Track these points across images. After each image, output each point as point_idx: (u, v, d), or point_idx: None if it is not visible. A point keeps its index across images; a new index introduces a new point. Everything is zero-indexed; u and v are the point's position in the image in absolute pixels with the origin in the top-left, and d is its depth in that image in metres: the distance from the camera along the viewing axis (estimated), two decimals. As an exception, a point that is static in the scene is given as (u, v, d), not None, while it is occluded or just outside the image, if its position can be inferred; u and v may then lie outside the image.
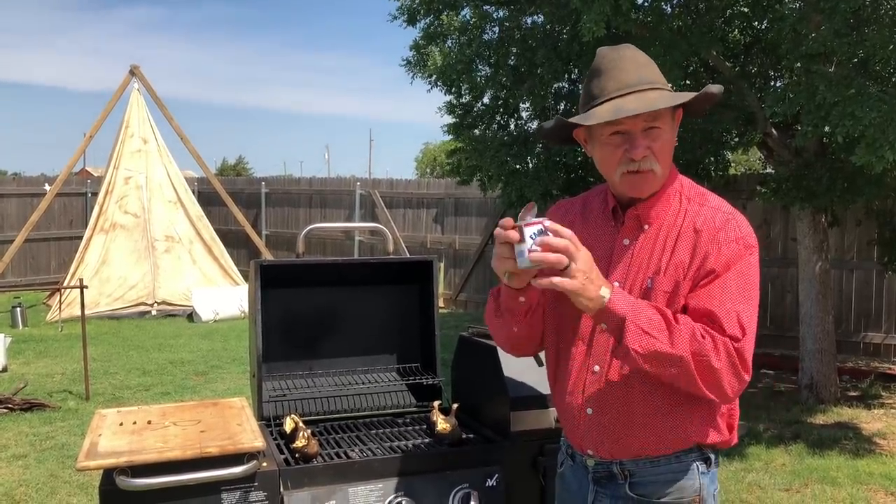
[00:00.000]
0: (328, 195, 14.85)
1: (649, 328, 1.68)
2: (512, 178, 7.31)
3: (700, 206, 1.84)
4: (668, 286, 1.78)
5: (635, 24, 6.17)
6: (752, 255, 1.78)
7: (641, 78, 1.79)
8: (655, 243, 1.83)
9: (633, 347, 1.68)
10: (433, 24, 7.50)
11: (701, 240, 1.78)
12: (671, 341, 1.67)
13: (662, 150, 1.80)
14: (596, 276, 1.68)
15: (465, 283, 12.42)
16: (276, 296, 2.91)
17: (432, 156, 44.67)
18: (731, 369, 1.69)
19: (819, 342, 6.91)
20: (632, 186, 1.82)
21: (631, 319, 1.67)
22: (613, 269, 1.86)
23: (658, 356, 1.68)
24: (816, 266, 6.92)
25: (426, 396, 2.93)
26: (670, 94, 1.81)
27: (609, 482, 1.87)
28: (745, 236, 1.78)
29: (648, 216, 1.85)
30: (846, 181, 6.20)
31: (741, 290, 1.74)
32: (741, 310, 1.72)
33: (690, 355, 1.67)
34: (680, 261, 1.79)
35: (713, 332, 1.69)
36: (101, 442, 2.15)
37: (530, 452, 2.44)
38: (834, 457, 5.53)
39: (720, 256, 1.75)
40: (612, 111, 1.74)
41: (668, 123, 1.81)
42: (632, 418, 1.81)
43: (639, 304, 1.71)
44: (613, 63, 1.81)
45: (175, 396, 7.06)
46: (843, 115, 5.08)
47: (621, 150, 1.78)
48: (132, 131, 12.20)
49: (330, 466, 2.27)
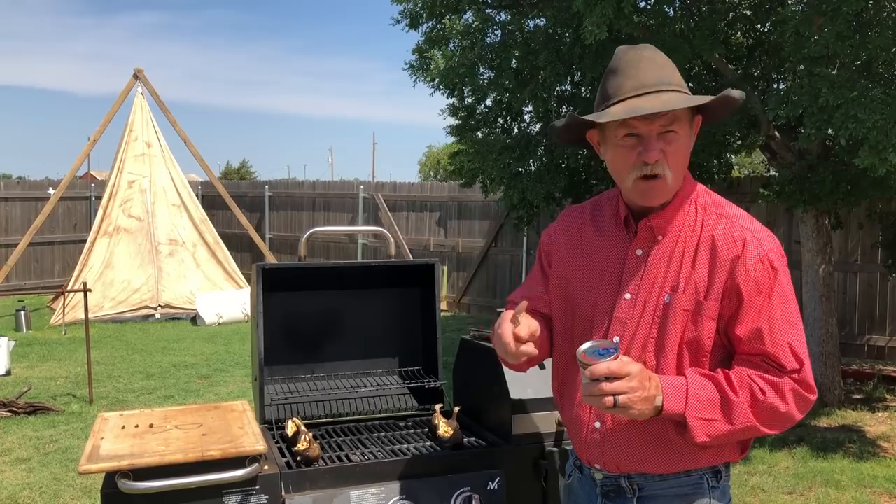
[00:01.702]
0: (331, 198, 14.87)
1: (710, 414, 1.67)
2: (514, 181, 7.31)
3: (718, 217, 1.77)
4: (688, 304, 1.73)
5: (638, 27, 6.17)
6: (783, 273, 1.72)
7: (660, 79, 1.72)
8: (672, 256, 1.77)
9: (700, 441, 1.68)
10: (435, 28, 7.52)
11: (720, 256, 1.72)
12: (733, 418, 1.67)
13: (677, 156, 1.72)
14: (647, 392, 1.62)
15: (468, 286, 12.42)
16: (278, 299, 2.91)
17: (436, 159, 44.71)
18: (797, 403, 1.69)
19: (823, 345, 6.89)
20: (643, 194, 1.75)
21: (690, 414, 1.66)
22: (626, 281, 1.80)
23: (726, 436, 1.69)
24: (820, 269, 6.90)
25: (428, 400, 2.93)
26: (687, 96, 1.73)
27: (617, 496, 1.83)
28: (769, 253, 1.71)
29: (662, 227, 1.78)
30: (849, 183, 6.18)
31: (786, 318, 1.70)
32: (792, 339, 1.70)
33: (756, 418, 1.68)
34: (700, 277, 1.73)
35: (773, 375, 1.68)
36: (104, 445, 2.15)
37: (532, 456, 2.44)
38: (838, 460, 5.51)
39: (748, 279, 1.70)
40: (626, 110, 1.67)
41: (686, 129, 1.73)
42: (641, 434, 1.76)
43: (692, 389, 1.67)
44: (631, 63, 1.74)
45: (178, 400, 7.07)
46: (847, 118, 5.07)
47: (634, 152, 1.71)
48: (136, 135, 12.23)
49: (331, 470, 2.27)
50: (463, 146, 8.19)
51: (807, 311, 7.02)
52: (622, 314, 1.79)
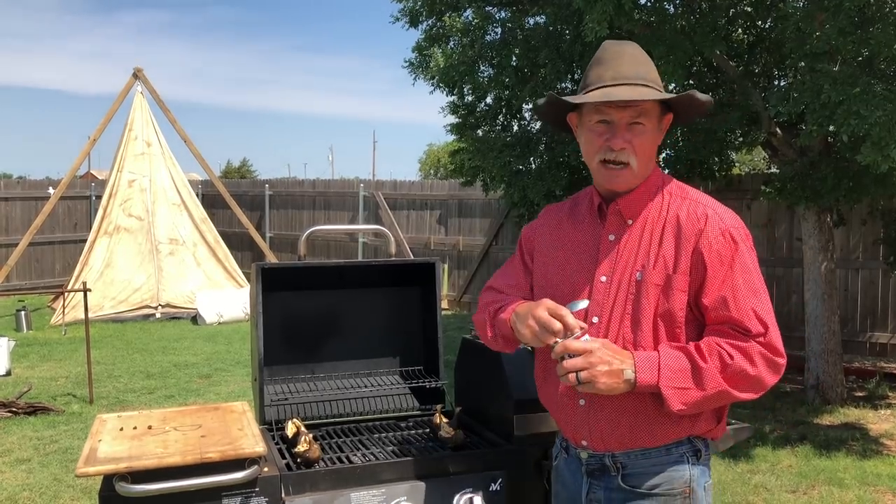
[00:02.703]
0: (332, 197, 14.85)
1: (682, 382, 1.76)
2: (515, 179, 7.29)
3: (682, 200, 1.90)
4: (658, 279, 1.84)
5: (638, 24, 6.15)
6: (744, 245, 1.83)
7: (637, 73, 1.86)
8: (642, 237, 1.89)
9: (677, 409, 1.77)
10: (435, 26, 7.49)
11: (685, 232, 1.84)
12: (705, 384, 1.76)
13: (643, 147, 1.86)
14: (617, 360, 1.75)
15: (468, 285, 12.40)
16: (278, 298, 2.89)
17: (436, 157, 44.67)
18: (767, 366, 1.78)
19: (825, 342, 6.87)
20: (607, 178, 1.89)
21: (663, 384, 1.76)
22: (600, 264, 1.92)
23: (701, 402, 1.78)
24: (822, 266, 6.88)
25: (429, 400, 2.91)
26: (659, 92, 1.88)
27: (602, 474, 1.92)
28: (730, 228, 1.83)
29: (630, 210, 1.91)
30: (851, 180, 6.16)
31: (749, 286, 1.80)
32: (756, 305, 1.79)
33: (727, 383, 1.76)
34: (668, 253, 1.84)
35: (739, 341, 1.77)
36: (101, 447, 2.13)
37: (534, 456, 2.42)
38: (841, 458, 5.49)
39: (711, 251, 1.81)
40: (600, 96, 1.83)
41: (653, 123, 1.87)
42: (624, 408, 1.86)
43: (664, 361, 1.77)
44: (614, 55, 1.89)
45: (179, 400, 7.05)
46: (849, 114, 5.04)
47: (603, 138, 1.86)
48: (135, 134, 12.21)
49: (332, 471, 2.25)
50: (463, 144, 8.16)
51: (808, 308, 7.00)
52: (599, 296, 1.90)
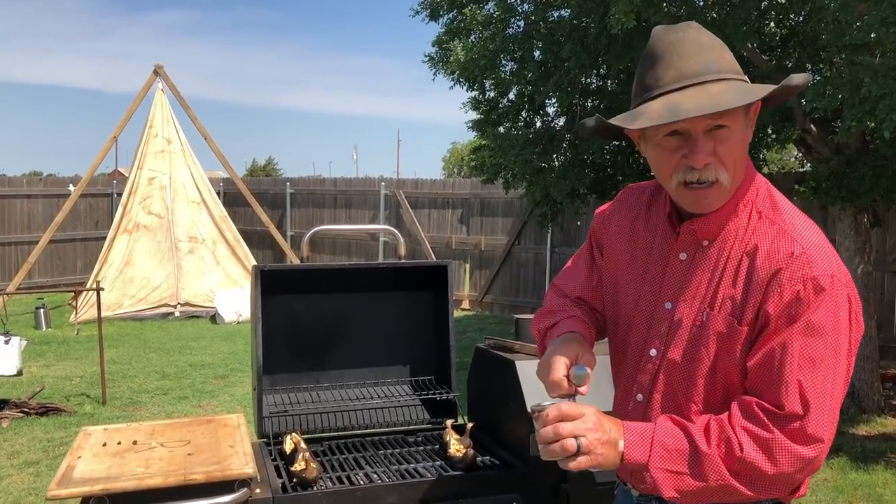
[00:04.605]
0: (353, 195, 14.71)
1: (677, 466, 1.44)
2: (537, 177, 7.08)
3: (769, 225, 1.50)
4: (721, 326, 1.49)
5: (667, 16, 5.92)
6: (830, 303, 1.41)
7: (706, 66, 1.44)
8: (716, 265, 1.53)
9: (669, 496, 1.46)
10: (456, 19, 7.30)
11: (758, 271, 1.46)
12: (705, 473, 1.42)
13: (731, 155, 1.45)
14: (607, 435, 1.44)
15: (490, 285, 12.19)
16: (280, 302, 2.72)
17: (459, 156, 44.51)
18: (794, 463, 1.41)
19: (860, 348, 6.57)
20: (693, 201, 1.50)
21: (653, 465, 1.44)
22: (667, 287, 1.59)
23: (699, 493, 1.45)
24: (858, 268, 6.61)
25: (440, 412, 2.73)
26: (741, 86, 1.45)
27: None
28: (818, 276, 1.41)
29: (706, 231, 1.54)
30: (891, 179, 5.90)
31: (806, 352, 1.40)
32: (805, 378, 1.40)
33: (732, 477, 1.42)
34: (737, 295, 1.48)
35: (760, 426, 1.41)
36: (79, 465, 1.97)
37: (552, 479, 2.22)
38: (880, 471, 5.22)
39: (780, 302, 1.43)
40: (665, 111, 1.41)
41: (740, 121, 1.46)
42: None
43: (658, 437, 1.45)
44: (671, 47, 1.46)
45: (193, 401, 6.92)
46: (891, 109, 4.79)
47: (678, 154, 1.46)
48: (156, 131, 12.15)
49: (329, 494, 2.07)
50: (484, 141, 7.97)
51: (844, 312, 6.72)
52: (663, 328, 1.59)
